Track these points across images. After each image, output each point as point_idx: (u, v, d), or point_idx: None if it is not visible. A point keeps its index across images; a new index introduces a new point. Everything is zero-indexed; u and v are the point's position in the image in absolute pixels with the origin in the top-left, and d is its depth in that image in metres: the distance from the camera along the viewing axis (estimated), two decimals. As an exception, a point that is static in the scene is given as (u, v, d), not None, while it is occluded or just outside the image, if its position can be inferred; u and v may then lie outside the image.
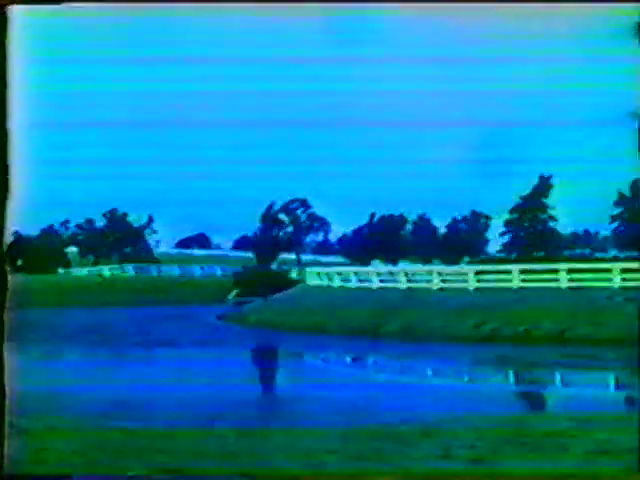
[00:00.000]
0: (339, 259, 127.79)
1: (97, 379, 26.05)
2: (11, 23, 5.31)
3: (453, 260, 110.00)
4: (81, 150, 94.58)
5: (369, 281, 49.77)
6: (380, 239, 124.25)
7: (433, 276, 45.89)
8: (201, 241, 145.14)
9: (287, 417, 17.96)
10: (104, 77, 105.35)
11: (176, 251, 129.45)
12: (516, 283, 41.25)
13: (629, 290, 37.28)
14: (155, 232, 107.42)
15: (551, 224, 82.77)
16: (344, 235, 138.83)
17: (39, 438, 11.62)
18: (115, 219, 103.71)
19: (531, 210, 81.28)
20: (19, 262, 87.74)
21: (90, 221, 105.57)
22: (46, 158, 64.93)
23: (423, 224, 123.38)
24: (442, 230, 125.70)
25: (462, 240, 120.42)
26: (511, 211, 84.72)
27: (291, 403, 20.88)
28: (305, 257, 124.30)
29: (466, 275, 44.49)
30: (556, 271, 40.52)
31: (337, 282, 52.19)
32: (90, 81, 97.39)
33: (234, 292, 72.42)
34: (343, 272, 54.60)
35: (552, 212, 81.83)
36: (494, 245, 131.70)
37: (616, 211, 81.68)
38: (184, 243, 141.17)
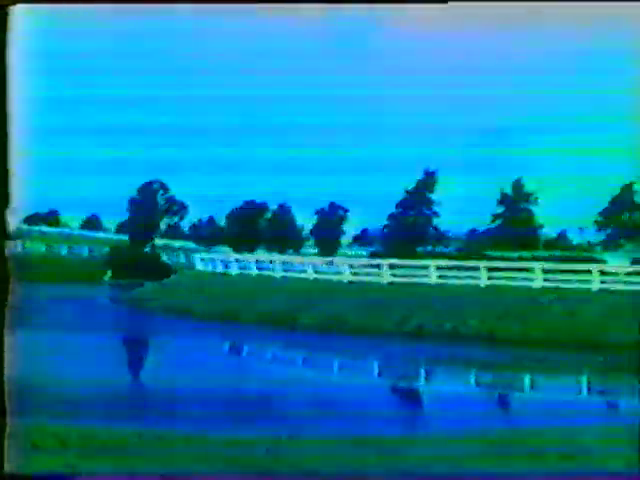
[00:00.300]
0: (190, 245, 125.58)
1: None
2: (12, 23, 5.17)
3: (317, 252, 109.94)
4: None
5: (271, 270, 48.63)
6: (237, 226, 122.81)
7: (344, 268, 45.17)
8: (49, 219, 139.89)
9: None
10: None
11: (25, 227, 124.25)
12: (434, 279, 40.83)
13: (551, 291, 37.54)
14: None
15: (435, 220, 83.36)
16: (199, 221, 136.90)
17: None
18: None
19: (417, 205, 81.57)
20: None
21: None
22: None
23: (283, 213, 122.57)
24: (300, 221, 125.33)
25: (319, 231, 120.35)
26: (397, 205, 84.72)
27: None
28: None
29: (380, 268, 43.80)
30: (476, 268, 40.37)
31: (235, 269, 50.83)
32: None
33: (109, 273, 69.91)
34: (240, 259, 53.31)
35: (436, 208, 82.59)
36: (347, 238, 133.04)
37: (499, 210, 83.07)
38: (32, 220, 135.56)
